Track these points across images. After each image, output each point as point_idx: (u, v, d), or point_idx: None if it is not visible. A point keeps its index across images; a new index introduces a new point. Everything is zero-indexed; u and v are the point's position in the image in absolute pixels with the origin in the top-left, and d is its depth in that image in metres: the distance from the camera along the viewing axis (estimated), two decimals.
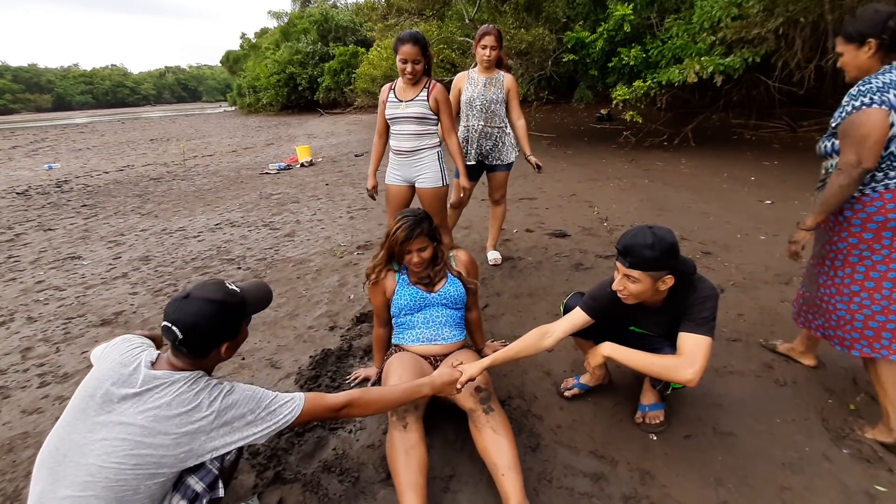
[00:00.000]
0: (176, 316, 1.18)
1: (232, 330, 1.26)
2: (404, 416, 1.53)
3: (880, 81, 1.51)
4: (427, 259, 1.84)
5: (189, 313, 1.18)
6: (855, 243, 1.64)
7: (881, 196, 1.56)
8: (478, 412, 1.56)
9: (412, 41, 2.47)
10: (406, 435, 1.50)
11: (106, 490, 1.06)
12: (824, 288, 1.76)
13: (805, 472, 1.56)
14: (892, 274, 1.58)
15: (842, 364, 2.10)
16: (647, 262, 1.47)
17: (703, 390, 1.97)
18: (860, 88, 1.55)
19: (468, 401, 1.59)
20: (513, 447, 1.49)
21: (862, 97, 1.52)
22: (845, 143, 1.56)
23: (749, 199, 4.80)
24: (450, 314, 1.91)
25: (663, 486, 1.53)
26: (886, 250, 1.59)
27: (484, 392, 1.60)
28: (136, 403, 1.12)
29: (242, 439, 1.18)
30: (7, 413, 2.12)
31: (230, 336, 1.25)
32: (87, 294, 3.38)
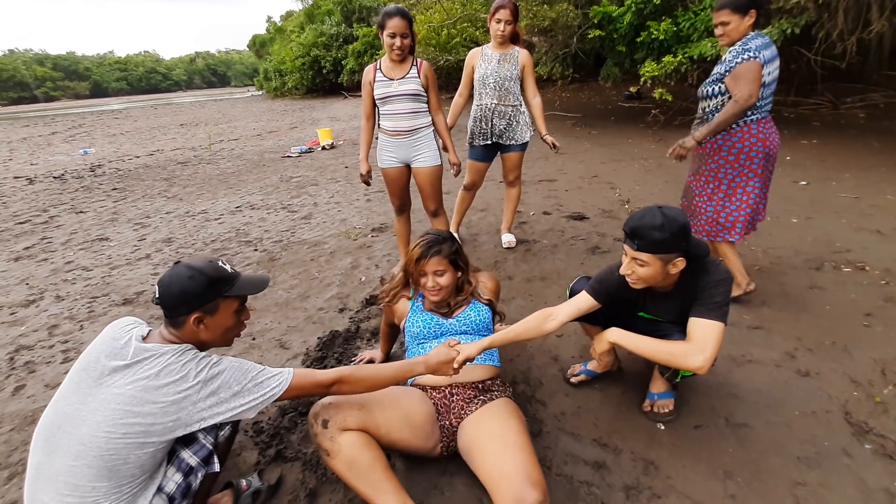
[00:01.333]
0: (160, 277, 1.25)
1: (202, 301, 1.24)
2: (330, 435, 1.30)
3: (757, 42, 2.08)
4: (443, 286, 1.62)
5: (168, 275, 1.24)
6: (723, 164, 2.28)
7: (741, 129, 2.19)
8: None
9: (399, 15, 2.43)
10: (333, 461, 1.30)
11: (97, 459, 1.09)
12: (699, 197, 2.40)
13: (822, 468, 1.48)
14: (746, 187, 2.28)
15: (871, 355, 1.97)
16: (656, 244, 1.39)
17: (718, 379, 1.89)
18: (745, 46, 2.07)
19: None
20: None
21: (749, 52, 2.05)
22: (741, 83, 2.06)
23: (783, 180, 4.54)
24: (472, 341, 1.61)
25: (668, 478, 1.48)
26: (743, 169, 2.25)
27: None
28: (126, 374, 1.14)
29: (230, 410, 1.19)
30: (32, 387, 2.22)
31: (200, 306, 1.23)
32: (112, 274, 3.50)
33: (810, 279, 2.64)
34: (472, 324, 1.66)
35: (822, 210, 3.68)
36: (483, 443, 1.36)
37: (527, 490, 1.16)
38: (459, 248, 1.69)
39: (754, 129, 2.20)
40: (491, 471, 1.28)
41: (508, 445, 1.31)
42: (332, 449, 1.28)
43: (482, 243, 3.55)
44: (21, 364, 2.41)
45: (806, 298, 2.45)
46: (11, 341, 2.64)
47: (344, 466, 1.28)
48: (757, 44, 2.07)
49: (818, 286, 2.56)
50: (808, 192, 4.16)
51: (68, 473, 1.09)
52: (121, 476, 1.11)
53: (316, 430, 1.31)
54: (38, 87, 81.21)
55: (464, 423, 1.45)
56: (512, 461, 1.25)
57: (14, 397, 2.15)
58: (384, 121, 2.70)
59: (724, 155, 2.26)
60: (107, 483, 1.10)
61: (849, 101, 7.77)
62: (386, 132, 2.72)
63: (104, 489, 1.10)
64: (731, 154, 2.24)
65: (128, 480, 1.13)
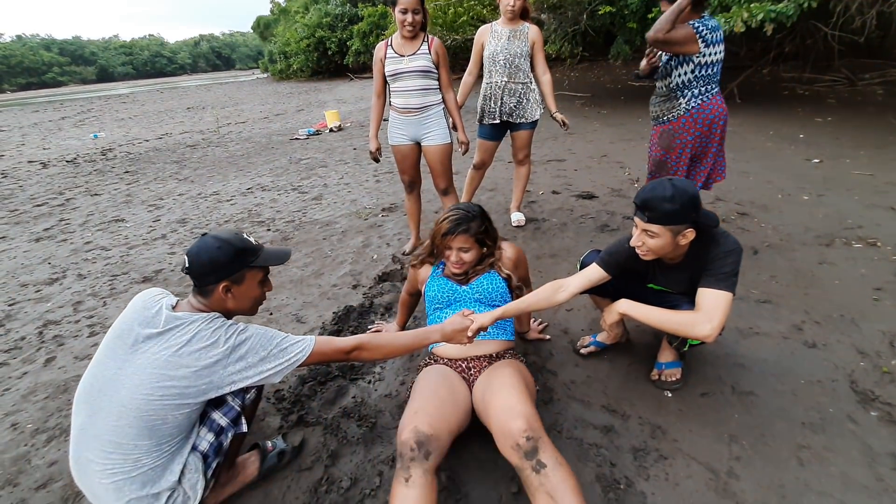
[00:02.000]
0: (189, 248, 1.30)
1: (230, 271, 1.29)
2: (409, 466, 1.19)
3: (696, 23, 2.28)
4: (467, 262, 1.65)
5: (197, 245, 1.29)
6: (698, 135, 2.48)
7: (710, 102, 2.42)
8: (526, 471, 1.18)
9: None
10: (407, 492, 1.16)
11: (138, 419, 1.16)
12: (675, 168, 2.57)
13: (826, 433, 1.52)
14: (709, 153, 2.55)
15: (880, 327, 2.00)
16: (666, 215, 1.41)
17: (725, 350, 1.93)
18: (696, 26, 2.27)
19: (512, 455, 1.21)
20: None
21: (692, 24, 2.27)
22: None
23: (795, 158, 4.50)
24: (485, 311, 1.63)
25: (674, 441, 1.53)
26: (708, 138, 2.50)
27: (530, 443, 1.19)
28: (160, 341, 1.20)
29: (258, 374, 1.26)
30: (62, 359, 2.32)
31: (228, 276, 1.29)
32: (130, 253, 3.58)
33: (820, 255, 2.65)
34: (485, 293, 1.67)
35: (835, 187, 3.65)
36: (484, 391, 1.43)
37: (512, 420, 1.24)
38: (488, 225, 1.68)
39: (718, 100, 2.44)
40: (487, 409, 1.36)
41: (503, 386, 1.38)
42: (410, 479, 1.18)
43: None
44: (50, 338, 2.50)
45: (815, 273, 2.47)
46: (39, 317, 2.74)
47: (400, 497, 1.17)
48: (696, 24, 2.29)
49: (828, 261, 2.57)
50: (821, 169, 4.12)
51: (111, 433, 1.16)
52: (160, 435, 1.19)
53: (413, 456, 1.20)
54: (46, 72, 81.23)
55: (476, 383, 1.51)
56: (501, 399, 1.33)
57: (46, 368, 2.25)
58: (395, 98, 2.72)
59: (700, 128, 2.46)
60: (148, 441, 1.17)
61: (867, 77, 7.59)
62: (397, 109, 2.74)
63: (145, 447, 1.17)
64: (705, 126, 2.46)
65: (167, 439, 1.20)
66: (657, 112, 2.59)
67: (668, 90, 2.50)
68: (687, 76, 2.40)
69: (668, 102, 2.51)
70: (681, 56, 2.36)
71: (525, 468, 1.18)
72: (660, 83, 2.55)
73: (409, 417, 1.29)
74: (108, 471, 1.17)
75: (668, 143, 2.56)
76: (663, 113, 2.55)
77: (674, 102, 2.49)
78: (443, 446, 1.26)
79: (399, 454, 1.22)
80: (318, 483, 1.48)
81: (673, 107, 2.49)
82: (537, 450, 1.19)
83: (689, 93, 2.43)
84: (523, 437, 1.20)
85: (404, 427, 1.26)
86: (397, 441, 1.25)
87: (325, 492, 1.45)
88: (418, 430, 1.23)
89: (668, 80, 2.48)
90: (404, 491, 1.16)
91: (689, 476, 1.41)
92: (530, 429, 1.22)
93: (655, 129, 2.62)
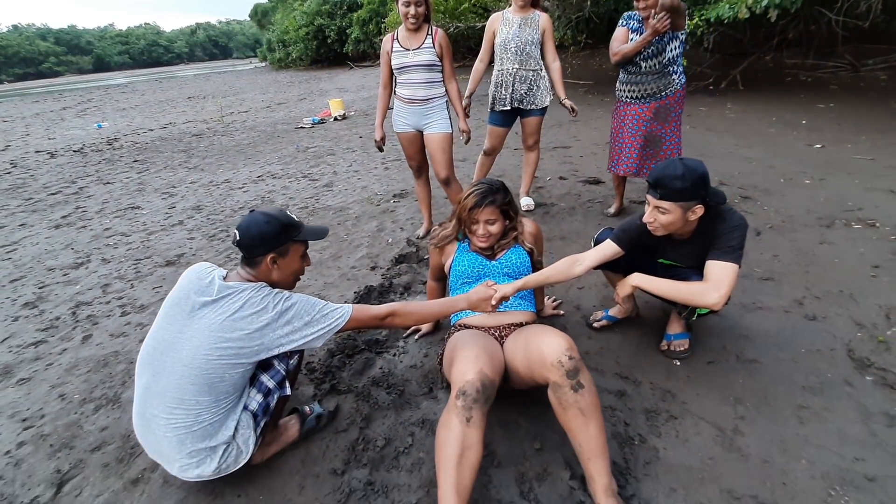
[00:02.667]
0: (238, 223, 1.42)
1: (277, 242, 1.42)
2: (471, 406, 1.25)
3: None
4: (494, 234, 1.73)
5: (246, 220, 1.41)
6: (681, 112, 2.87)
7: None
8: (564, 388, 1.28)
9: None
10: (467, 430, 1.23)
11: (198, 377, 1.28)
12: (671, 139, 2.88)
13: (825, 395, 1.64)
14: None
15: (877, 301, 2.11)
16: (677, 192, 1.52)
17: (729, 323, 2.05)
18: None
19: (553, 372, 1.30)
20: (601, 431, 1.29)
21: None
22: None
23: (797, 144, 4.58)
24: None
25: (683, 403, 1.65)
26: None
27: (572, 363, 1.30)
28: (214, 308, 1.32)
29: (303, 337, 1.38)
30: (98, 336, 2.44)
31: (275, 247, 1.42)
32: (150, 239, 3.69)
33: (821, 235, 2.76)
34: (512, 266, 1.77)
35: (836, 171, 3.74)
36: (516, 341, 1.53)
37: (557, 342, 1.34)
38: (511, 197, 1.77)
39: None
40: (527, 345, 1.44)
41: (541, 329, 1.49)
42: (471, 420, 1.25)
43: None
44: (84, 317, 2.62)
45: (816, 253, 2.58)
46: (70, 298, 2.85)
47: (458, 435, 1.24)
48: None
49: (828, 241, 2.67)
50: (823, 154, 4.21)
51: (175, 390, 1.28)
52: (218, 392, 1.31)
53: (477, 398, 1.26)
54: (42, 62, 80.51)
55: (505, 343, 1.61)
56: (541, 334, 1.42)
57: (84, 345, 2.37)
58: (400, 88, 2.81)
59: (683, 104, 2.89)
60: (207, 397, 1.29)
61: (870, 62, 7.60)
62: (401, 99, 2.83)
63: (205, 403, 1.29)
64: (684, 102, 2.89)
65: (224, 396, 1.32)
66: (653, 89, 2.79)
67: (661, 66, 2.72)
68: (676, 51, 2.69)
69: (663, 79, 2.76)
70: (671, 32, 2.61)
71: (564, 385, 1.28)
72: (650, 62, 2.73)
73: (469, 361, 1.34)
74: (172, 425, 1.29)
75: (665, 117, 2.83)
76: (660, 89, 2.78)
77: (669, 79, 2.76)
78: (495, 392, 1.34)
79: (461, 393, 1.26)
80: (355, 442, 1.60)
81: (669, 83, 2.77)
82: (578, 371, 1.30)
83: (678, 69, 2.76)
84: (566, 355, 1.30)
85: (468, 370, 1.31)
86: (458, 380, 1.30)
87: (361, 450, 1.57)
88: (484, 373, 1.30)
89: (661, 57, 2.70)
90: (465, 429, 1.23)
91: (697, 433, 1.53)
92: (572, 349, 1.33)
93: (648, 106, 2.83)
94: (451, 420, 1.26)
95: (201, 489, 1.48)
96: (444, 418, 1.29)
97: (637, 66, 2.79)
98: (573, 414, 1.28)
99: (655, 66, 2.73)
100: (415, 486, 1.44)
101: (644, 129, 2.87)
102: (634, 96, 2.87)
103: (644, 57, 2.73)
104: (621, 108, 2.98)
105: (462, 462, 1.21)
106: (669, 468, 1.42)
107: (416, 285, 2.62)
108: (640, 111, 2.86)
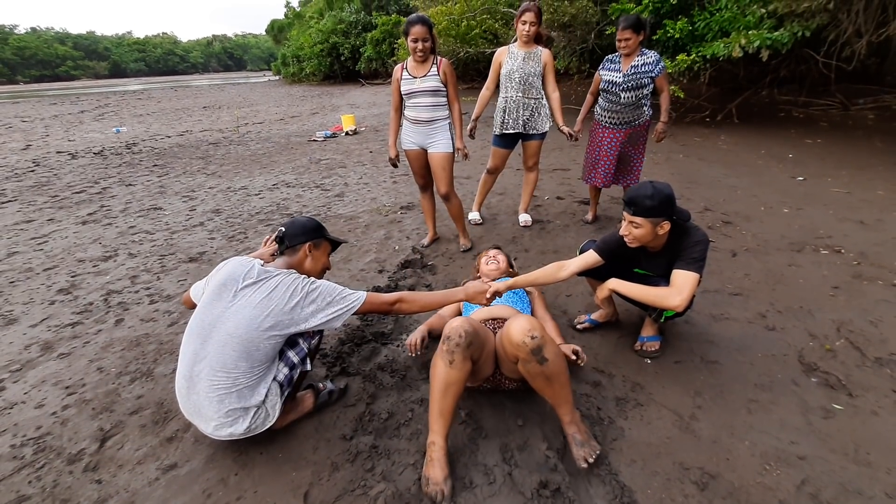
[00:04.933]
0: (285, 222, 1.77)
1: (315, 234, 1.80)
2: (453, 350, 1.51)
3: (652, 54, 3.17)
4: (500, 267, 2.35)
5: (290, 220, 1.81)
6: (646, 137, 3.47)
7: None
8: (531, 363, 1.51)
9: (420, 22, 2.84)
10: (450, 371, 1.51)
11: (240, 345, 1.53)
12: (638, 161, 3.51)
13: (773, 391, 1.88)
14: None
15: (831, 317, 2.36)
16: (647, 209, 1.79)
17: (698, 330, 2.29)
18: (655, 57, 3.16)
19: (520, 350, 1.51)
20: (564, 387, 1.56)
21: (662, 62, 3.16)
22: (667, 84, 3.25)
23: (781, 176, 4.88)
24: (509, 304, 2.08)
25: (650, 394, 1.89)
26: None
27: (534, 341, 1.49)
28: (255, 288, 1.59)
29: (326, 316, 1.64)
30: (129, 321, 2.69)
31: (313, 237, 1.79)
32: (173, 238, 3.96)
33: (790, 258, 3.02)
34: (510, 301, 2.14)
35: (813, 202, 4.02)
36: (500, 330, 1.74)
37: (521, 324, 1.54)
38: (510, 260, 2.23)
39: None
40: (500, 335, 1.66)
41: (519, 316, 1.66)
42: (453, 362, 1.51)
43: (501, 222, 3.96)
44: (115, 304, 2.87)
45: (784, 273, 2.83)
46: (101, 287, 3.11)
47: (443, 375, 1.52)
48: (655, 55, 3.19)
49: (796, 264, 2.93)
50: (804, 186, 4.50)
51: (219, 355, 1.53)
52: (254, 360, 1.56)
53: (458, 342, 1.51)
54: (59, 65, 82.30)
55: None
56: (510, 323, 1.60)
57: (117, 327, 2.62)
58: (408, 111, 3.13)
59: (648, 132, 3.45)
60: (245, 363, 1.54)
61: (861, 102, 7.97)
62: (409, 120, 3.15)
63: (243, 368, 1.54)
64: (648, 130, 3.45)
65: (258, 364, 1.57)
66: (629, 117, 3.30)
67: (637, 100, 3.22)
68: (648, 89, 3.20)
69: (637, 110, 3.28)
70: (649, 77, 3.16)
71: (531, 361, 1.50)
72: (629, 94, 3.21)
73: (459, 320, 1.58)
74: (214, 385, 1.53)
75: (635, 141, 3.42)
76: (635, 118, 3.31)
77: (641, 110, 3.29)
78: (478, 349, 1.57)
79: (447, 338, 1.53)
80: (362, 415, 1.84)
81: (641, 113, 3.30)
82: (541, 347, 1.49)
83: (647, 102, 3.30)
84: (529, 335, 1.49)
85: (456, 322, 1.56)
86: (446, 330, 1.55)
87: (368, 421, 1.81)
88: (469, 324, 1.55)
89: (638, 92, 3.19)
90: (448, 370, 1.52)
91: (659, 418, 1.77)
92: (534, 328, 1.51)
93: (624, 131, 3.35)
94: (438, 362, 1.56)
95: (228, 447, 1.72)
96: (434, 359, 1.58)
97: (617, 96, 3.23)
98: (540, 381, 1.55)
99: (632, 98, 3.21)
100: (413, 451, 1.67)
101: (619, 150, 3.41)
102: (613, 122, 3.36)
103: (624, 89, 3.19)
104: (599, 130, 3.47)
105: (446, 394, 1.53)
106: (632, 444, 1.65)
107: (420, 288, 2.87)
108: (617, 135, 3.37)
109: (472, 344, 1.54)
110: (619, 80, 3.20)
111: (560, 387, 1.56)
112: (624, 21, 3.09)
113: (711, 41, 6.54)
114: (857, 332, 2.23)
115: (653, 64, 3.14)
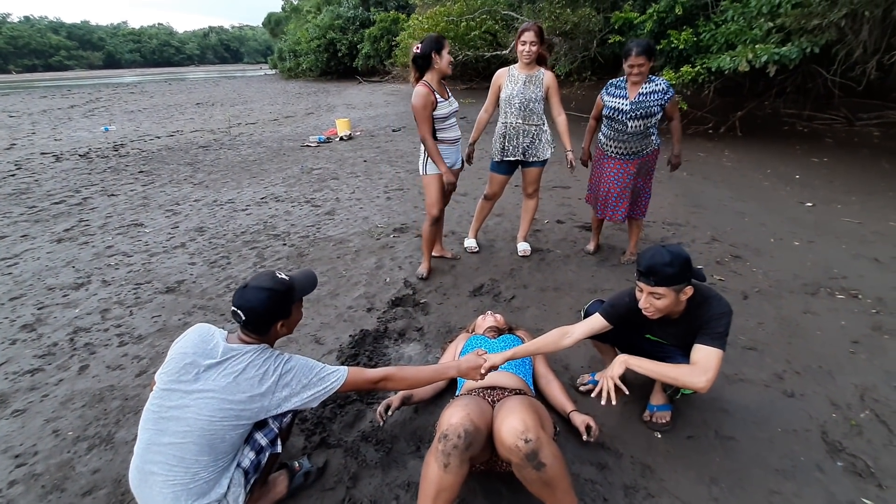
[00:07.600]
0: (239, 302, 1.47)
1: (283, 311, 1.52)
2: (450, 452, 1.32)
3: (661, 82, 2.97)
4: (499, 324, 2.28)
5: (247, 300, 1.46)
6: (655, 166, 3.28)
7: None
8: (526, 469, 1.32)
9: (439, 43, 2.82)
10: (444, 475, 1.32)
11: (201, 438, 1.34)
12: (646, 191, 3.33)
13: (796, 480, 1.70)
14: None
15: (853, 380, 2.19)
16: (669, 277, 1.60)
17: (711, 395, 2.11)
18: (664, 85, 2.94)
19: (513, 455, 1.32)
20: (567, 493, 1.37)
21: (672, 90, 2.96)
22: (678, 111, 3.12)
23: (790, 200, 4.71)
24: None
25: (661, 480, 1.71)
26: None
27: (528, 446, 1.30)
28: (218, 370, 1.40)
29: (301, 400, 1.45)
30: (94, 367, 2.48)
31: (283, 316, 1.53)
32: (152, 262, 3.74)
33: (805, 304, 2.84)
34: (510, 344, 2.00)
35: (825, 234, 3.85)
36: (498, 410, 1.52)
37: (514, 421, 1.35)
38: None
39: None
40: (495, 418, 1.45)
41: (513, 402, 1.50)
42: (448, 466, 1.33)
43: (498, 249, 3.76)
44: (81, 345, 2.66)
45: (799, 322, 2.66)
46: (69, 322, 2.90)
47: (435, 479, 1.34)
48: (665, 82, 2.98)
49: (812, 311, 2.76)
50: (814, 214, 4.33)
51: (177, 449, 1.34)
52: (217, 452, 1.37)
53: (457, 444, 1.33)
54: (52, 55, 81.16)
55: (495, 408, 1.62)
56: (507, 408, 1.44)
57: (80, 376, 2.41)
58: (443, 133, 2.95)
59: (656, 161, 3.26)
60: (207, 457, 1.35)
61: (865, 117, 7.83)
62: (447, 142, 2.98)
63: (205, 462, 1.35)
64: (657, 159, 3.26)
65: (222, 455, 1.38)
66: (637, 147, 3.08)
67: (645, 129, 3.00)
68: (657, 117, 2.99)
69: (645, 139, 3.05)
70: (658, 107, 2.95)
71: (525, 467, 1.31)
72: (637, 122, 2.98)
73: (458, 408, 1.40)
74: (170, 482, 1.34)
75: (645, 172, 3.23)
76: (643, 148, 3.08)
77: (649, 139, 3.06)
78: (479, 446, 1.39)
79: (443, 436, 1.33)
80: (342, 502, 1.65)
81: (650, 143, 3.08)
82: (536, 452, 1.30)
83: (656, 131, 3.08)
84: (522, 439, 1.31)
85: (454, 414, 1.37)
86: (443, 423, 1.37)
87: None
88: (470, 419, 1.35)
89: (647, 121, 2.97)
90: (442, 474, 1.32)
91: None
92: (528, 430, 1.32)
93: (633, 161, 3.12)
94: (431, 462, 1.36)
95: None
96: (427, 458, 1.39)
97: (624, 125, 3.00)
98: (538, 487, 1.36)
99: (640, 127, 2.98)
100: None
101: (630, 182, 3.17)
102: (620, 153, 3.11)
103: (632, 117, 2.95)
104: (605, 160, 3.21)
105: (437, 500, 1.34)
106: None
107: (411, 332, 2.68)
108: (626, 167, 3.14)
109: (472, 445, 1.35)
110: (625, 107, 2.97)
111: (562, 493, 1.37)
112: (636, 46, 2.83)
113: (717, 53, 6.36)
114: (882, 402, 2.05)
115: (662, 92, 2.90)
